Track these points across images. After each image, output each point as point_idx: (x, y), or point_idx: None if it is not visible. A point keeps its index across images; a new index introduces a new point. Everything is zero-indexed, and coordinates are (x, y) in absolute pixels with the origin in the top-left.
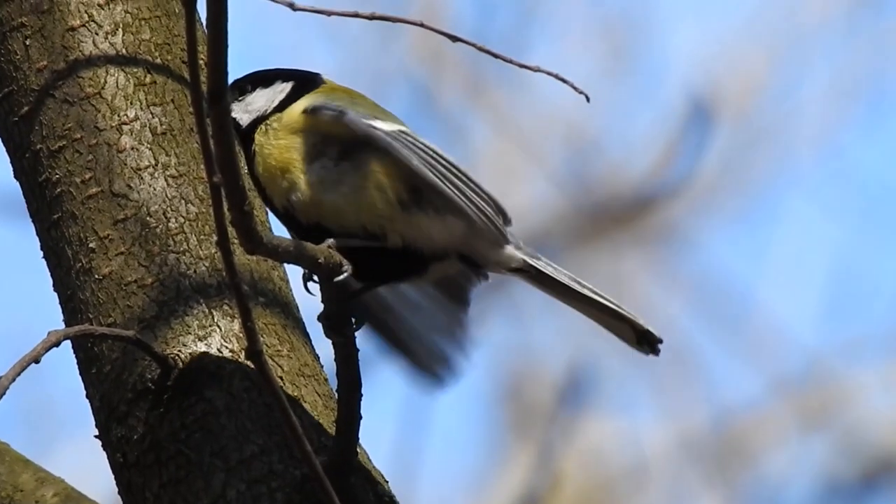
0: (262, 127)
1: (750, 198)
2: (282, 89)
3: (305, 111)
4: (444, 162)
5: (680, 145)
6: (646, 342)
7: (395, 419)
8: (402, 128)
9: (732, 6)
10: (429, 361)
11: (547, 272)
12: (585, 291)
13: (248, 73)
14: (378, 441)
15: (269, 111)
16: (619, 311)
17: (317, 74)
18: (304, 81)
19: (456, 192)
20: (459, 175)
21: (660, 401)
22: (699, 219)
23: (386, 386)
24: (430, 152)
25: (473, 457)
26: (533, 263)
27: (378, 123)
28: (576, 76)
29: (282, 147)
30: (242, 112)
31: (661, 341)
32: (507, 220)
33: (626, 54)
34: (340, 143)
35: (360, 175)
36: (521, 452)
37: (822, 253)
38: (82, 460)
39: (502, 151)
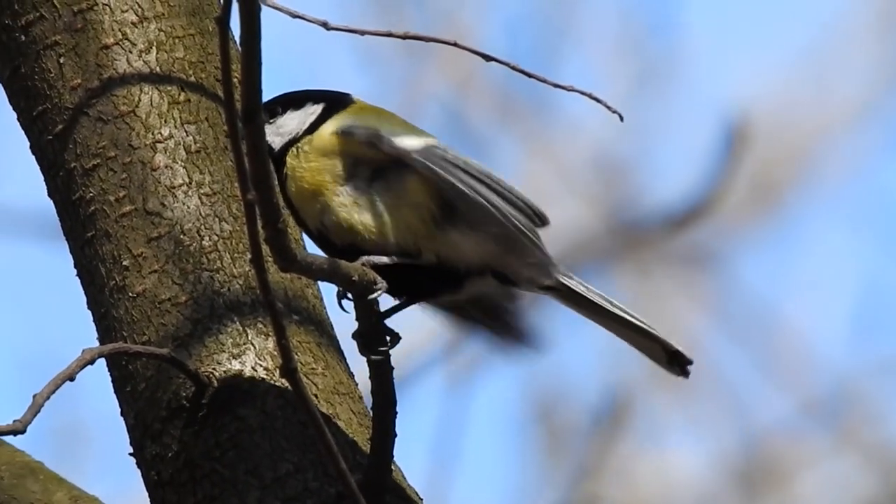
0: (294, 150)
1: (780, 218)
2: (312, 111)
3: (336, 133)
4: (476, 172)
5: (710, 166)
6: (676, 363)
7: (429, 437)
8: (433, 142)
9: (763, 27)
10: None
11: (579, 291)
12: (617, 311)
13: (277, 94)
14: (412, 459)
15: (300, 133)
16: (651, 331)
17: (346, 94)
18: (334, 102)
19: (488, 201)
20: (492, 183)
21: (691, 422)
22: (730, 239)
23: (421, 404)
24: (462, 164)
25: (507, 477)
26: (565, 281)
27: (408, 141)
28: (606, 95)
29: (313, 170)
30: (274, 135)
31: (691, 362)
32: (545, 223)
33: (657, 75)
34: (372, 163)
35: (394, 195)
36: (555, 474)
37: (851, 273)
38: (117, 479)
39: (533, 172)
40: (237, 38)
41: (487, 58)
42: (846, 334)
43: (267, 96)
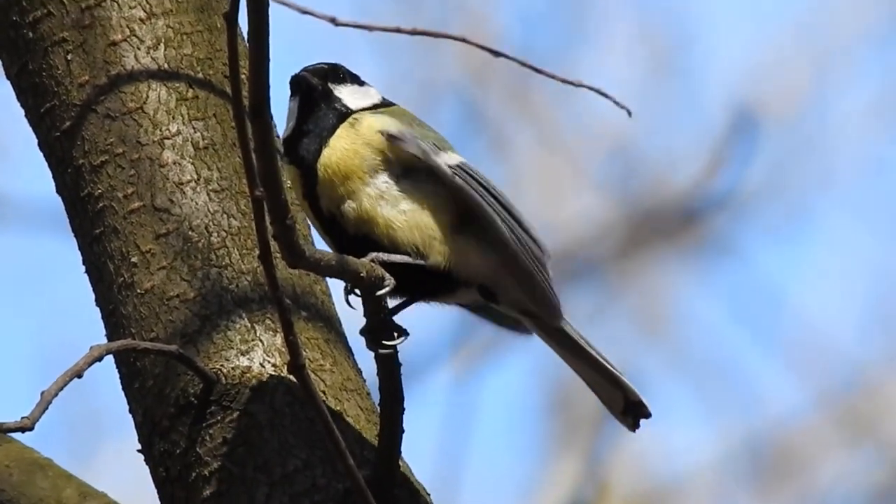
0: (350, 121)
1: (794, 208)
2: (374, 94)
3: (382, 133)
4: (498, 198)
5: (725, 156)
6: (632, 413)
7: (438, 432)
8: (462, 159)
9: (777, 17)
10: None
11: (568, 332)
12: (593, 353)
13: (331, 62)
14: (421, 454)
15: (357, 108)
16: (620, 379)
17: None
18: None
19: (507, 226)
20: (511, 212)
21: (704, 411)
22: (743, 230)
23: (429, 399)
24: (488, 186)
25: (519, 467)
26: (563, 326)
27: (445, 157)
28: (621, 87)
29: (349, 152)
30: (350, 96)
31: (649, 416)
32: (548, 258)
33: (671, 65)
34: (404, 164)
35: (419, 197)
36: (567, 463)
37: (865, 263)
38: (126, 474)
39: (548, 163)
40: (245, 35)
41: (496, 53)
42: (860, 324)
43: (276, 93)
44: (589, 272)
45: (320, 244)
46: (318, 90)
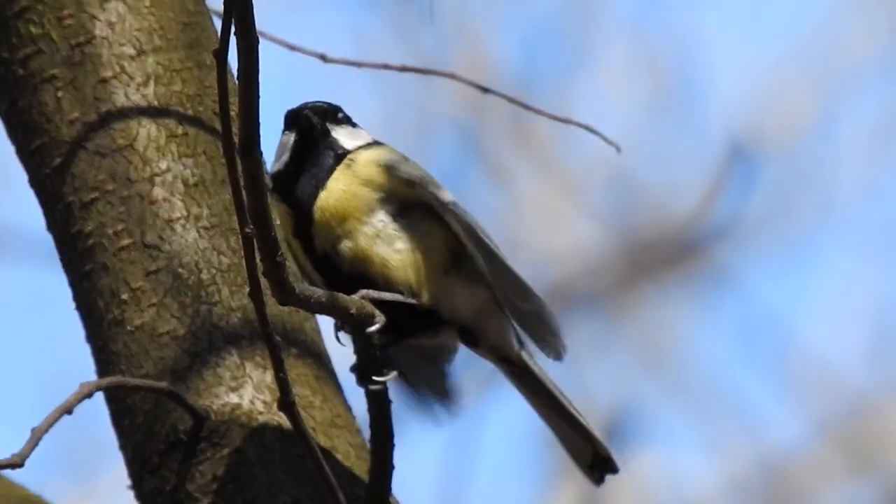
0: (346, 162)
1: (794, 237)
2: (364, 136)
3: (379, 165)
4: (484, 236)
5: (724, 185)
6: (599, 468)
7: (435, 465)
8: (453, 198)
9: (777, 45)
10: (429, 391)
11: (535, 372)
12: (565, 403)
13: (330, 102)
14: (411, 491)
15: (352, 149)
16: (591, 431)
17: None
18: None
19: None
20: (495, 253)
21: (707, 441)
22: (744, 259)
23: (420, 436)
24: (475, 226)
25: (520, 497)
26: (526, 360)
27: (442, 192)
28: (620, 116)
29: (347, 194)
30: (346, 137)
31: (616, 471)
32: (535, 305)
33: (671, 93)
34: (400, 201)
35: (416, 235)
36: (568, 492)
37: (867, 291)
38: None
39: (546, 193)
40: (235, 72)
41: (485, 90)
42: (862, 354)
43: (265, 129)
44: (588, 303)
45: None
46: (317, 129)
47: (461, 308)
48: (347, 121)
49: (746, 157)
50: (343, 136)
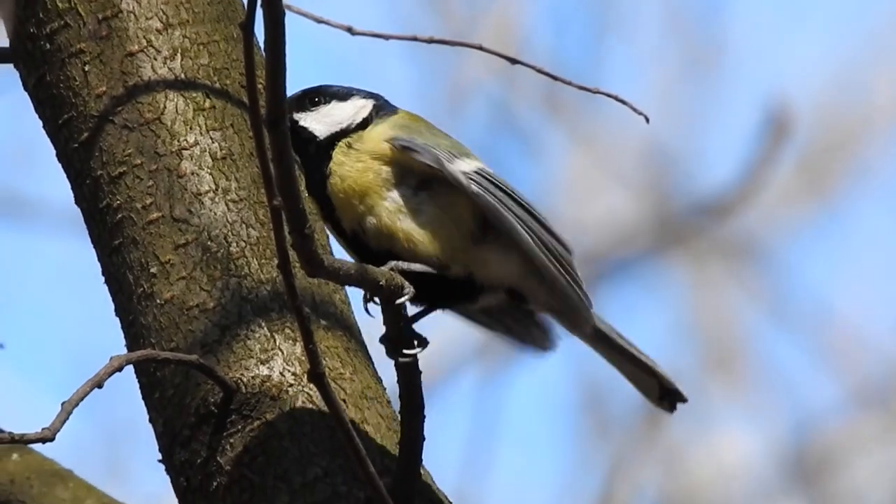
0: (343, 145)
1: (829, 206)
2: (362, 106)
3: (391, 142)
4: (519, 200)
5: (757, 154)
6: (668, 399)
7: (465, 435)
8: (480, 165)
9: (808, 13)
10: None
11: (600, 326)
12: (626, 346)
13: (313, 85)
14: (443, 459)
15: (351, 127)
16: (654, 368)
17: (387, 100)
18: (381, 104)
19: (529, 233)
20: (535, 213)
21: (744, 410)
22: (779, 228)
23: (450, 407)
24: (508, 191)
25: (551, 467)
26: (597, 324)
27: (459, 164)
28: (653, 85)
29: (362, 170)
30: (317, 122)
31: (685, 400)
32: (575, 257)
33: (703, 63)
34: (420, 174)
35: (439, 207)
36: (601, 464)
37: None
38: (152, 484)
39: (580, 163)
40: (262, 45)
41: (513, 61)
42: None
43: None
44: (621, 272)
45: (338, 251)
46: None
47: (498, 274)
48: (323, 101)
49: (780, 124)
50: (313, 122)
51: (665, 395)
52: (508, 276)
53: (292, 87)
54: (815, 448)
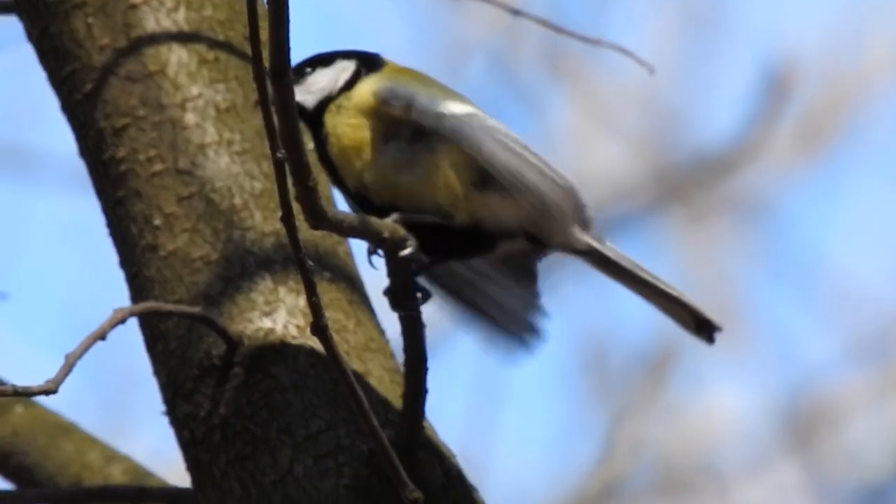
0: (332, 107)
1: (826, 162)
2: (344, 67)
3: (375, 95)
4: (515, 142)
5: (755, 110)
6: (704, 329)
7: (466, 393)
8: (473, 110)
9: None
10: (511, 325)
11: (610, 256)
12: (648, 278)
13: (304, 58)
14: (446, 415)
15: (335, 90)
16: (682, 298)
17: (377, 54)
18: (366, 61)
19: (527, 172)
20: (531, 155)
21: (739, 366)
22: (776, 184)
23: (453, 360)
24: (502, 134)
25: (552, 426)
26: (597, 247)
27: (448, 108)
28: (653, 39)
29: (354, 126)
30: (305, 93)
31: (720, 329)
32: (580, 198)
33: (703, 18)
34: (413, 123)
35: (435, 156)
36: (601, 419)
37: None
38: (155, 436)
39: (580, 119)
40: None
41: (515, 13)
42: (893, 276)
43: (296, 54)
44: (620, 228)
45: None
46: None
47: (507, 219)
48: (308, 71)
49: (779, 80)
50: (301, 94)
51: (701, 326)
52: (521, 220)
53: (296, 41)
54: (810, 404)
